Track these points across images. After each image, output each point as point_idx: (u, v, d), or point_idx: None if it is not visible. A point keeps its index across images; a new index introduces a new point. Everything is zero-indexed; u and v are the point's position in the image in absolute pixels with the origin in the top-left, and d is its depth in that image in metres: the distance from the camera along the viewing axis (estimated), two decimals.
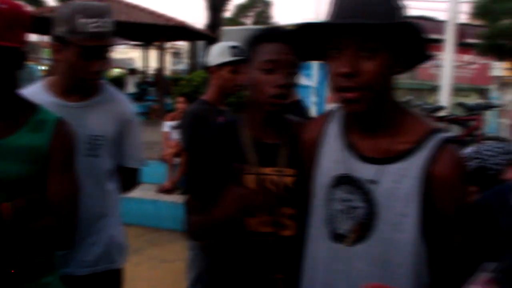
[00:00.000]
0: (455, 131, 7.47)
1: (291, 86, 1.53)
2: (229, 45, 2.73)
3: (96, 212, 1.99)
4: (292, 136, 1.56)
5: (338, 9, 1.20)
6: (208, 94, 2.83)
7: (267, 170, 1.54)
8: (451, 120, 6.81)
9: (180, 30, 13.19)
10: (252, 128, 1.59)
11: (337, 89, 1.22)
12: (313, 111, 8.82)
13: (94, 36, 1.78)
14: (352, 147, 1.33)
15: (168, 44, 18.41)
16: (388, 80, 1.24)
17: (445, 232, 1.28)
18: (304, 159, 1.49)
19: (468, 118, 7.26)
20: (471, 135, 6.98)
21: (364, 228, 1.30)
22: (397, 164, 1.27)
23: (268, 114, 1.56)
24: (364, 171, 1.30)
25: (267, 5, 49.07)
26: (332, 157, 1.37)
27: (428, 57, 1.27)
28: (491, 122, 9.29)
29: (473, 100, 9.60)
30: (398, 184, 1.26)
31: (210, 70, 2.77)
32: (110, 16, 1.86)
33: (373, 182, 1.28)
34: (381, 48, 1.17)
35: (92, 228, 1.98)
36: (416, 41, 1.20)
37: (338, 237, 1.34)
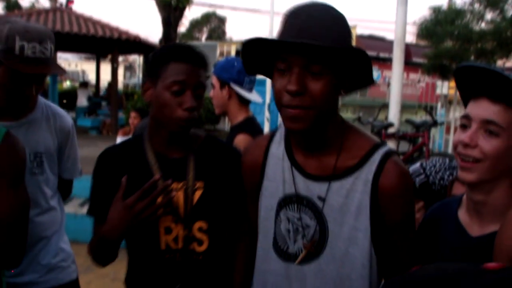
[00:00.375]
0: (403, 147, 7.73)
1: (199, 108, 1.49)
2: None
3: (45, 229, 1.95)
4: (198, 149, 1.56)
5: (289, 28, 1.21)
6: None
7: (175, 185, 1.50)
8: (399, 136, 7.04)
9: (133, 44, 13.07)
10: (158, 144, 1.55)
11: (282, 105, 1.22)
12: (266, 128, 8.90)
13: (30, 62, 1.67)
14: (298, 166, 1.34)
15: (121, 58, 18.15)
16: (333, 100, 1.26)
17: (393, 241, 1.31)
18: (246, 181, 1.48)
19: (416, 135, 7.53)
20: (419, 151, 7.24)
21: (316, 245, 1.32)
22: (345, 179, 1.29)
23: (174, 133, 1.52)
24: (312, 189, 1.32)
25: (221, 20, 49.38)
26: (278, 177, 1.37)
27: (371, 82, 1.31)
28: (438, 139, 9.66)
29: (421, 117, 9.97)
30: (348, 199, 1.28)
31: None
32: (51, 42, 1.75)
33: (322, 199, 1.30)
34: (327, 69, 1.19)
35: (41, 244, 1.94)
36: (361, 66, 1.23)
37: (289, 256, 1.35)
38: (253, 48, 1.28)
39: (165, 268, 1.52)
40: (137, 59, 27.53)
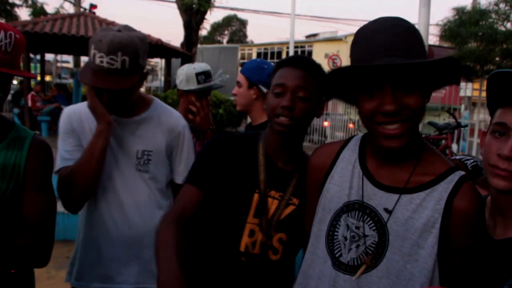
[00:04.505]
0: None
1: (295, 109, 1.51)
2: (196, 71, 2.76)
3: (144, 229, 1.91)
4: (305, 168, 1.55)
5: (369, 48, 1.18)
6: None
7: (273, 192, 1.56)
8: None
9: (155, 48, 13.20)
10: (268, 148, 1.60)
11: (377, 125, 1.21)
12: None
13: (98, 71, 1.70)
14: (369, 175, 1.33)
15: None
16: (424, 112, 1.25)
17: (457, 264, 1.26)
18: (309, 180, 1.49)
19: (438, 137, 7.44)
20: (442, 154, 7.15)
21: (372, 257, 1.27)
22: (416, 194, 1.26)
23: (279, 136, 1.56)
24: (379, 199, 1.29)
25: (242, 23, 49.56)
26: (345, 182, 1.36)
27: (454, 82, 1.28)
28: (462, 141, 9.51)
29: (444, 119, 9.83)
30: (415, 214, 1.25)
31: (179, 92, 2.84)
32: (126, 54, 1.69)
33: (388, 210, 1.27)
34: (419, 83, 1.18)
35: (138, 244, 1.92)
36: (450, 72, 1.22)
37: (340, 264, 1.31)
38: (338, 75, 1.26)
39: (238, 271, 1.54)
40: (159, 62, 27.86)
